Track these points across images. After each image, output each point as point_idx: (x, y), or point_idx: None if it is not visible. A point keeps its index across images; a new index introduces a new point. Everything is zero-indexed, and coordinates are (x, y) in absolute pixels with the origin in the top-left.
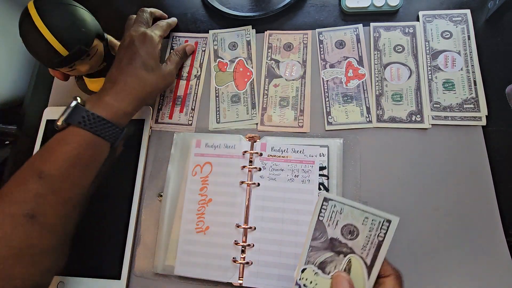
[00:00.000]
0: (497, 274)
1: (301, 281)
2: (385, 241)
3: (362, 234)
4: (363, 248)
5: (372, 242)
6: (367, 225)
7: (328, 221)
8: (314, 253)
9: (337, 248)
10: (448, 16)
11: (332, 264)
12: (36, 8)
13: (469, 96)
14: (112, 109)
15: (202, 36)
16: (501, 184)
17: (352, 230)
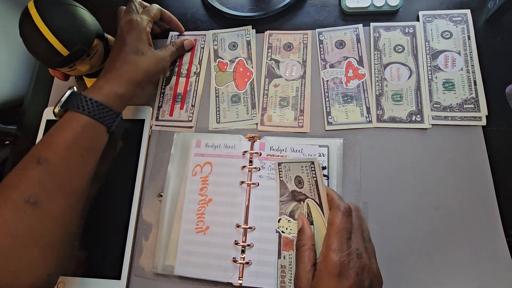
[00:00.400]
0: (497, 274)
1: (279, 229)
2: (318, 180)
3: (305, 180)
4: (310, 190)
5: (312, 183)
6: (304, 171)
7: (286, 178)
8: (284, 206)
9: (297, 198)
10: (448, 16)
11: (298, 211)
12: (36, 8)
13: (469, 96)
14: (106, 93)
15: (200, 33)
16: (501, 184)
17: (300, 180)
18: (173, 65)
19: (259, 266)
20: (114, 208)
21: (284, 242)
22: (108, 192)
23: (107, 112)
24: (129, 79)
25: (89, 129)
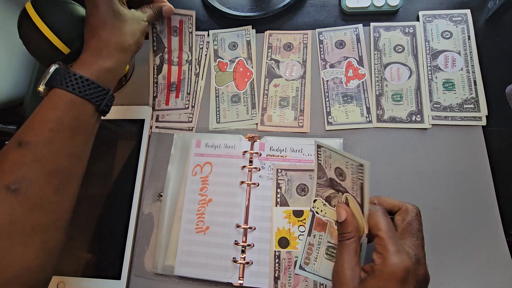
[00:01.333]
0: (497, 274)
1: (314, 209)
2: (365, 184)
3: (348, 176)
4: (352, 189)
5: (356, 183)
6: (349, 168)
7: (325, 164)
8: (321, 189)
9: (336, 187)
10: (448, 16)
11: (335, 199)
12: (34, 8)
13: (469, 96)
14: (94, 68)
15: (200, 33)
16: (501, 184)
17: (341, 173)
18: (162, 52)
19: (260, 266)
20: (114, 208)
21: (317, 223)
22: (108, 192)
23: (94, 89)
24: (116, 47)
25: (74, 107)
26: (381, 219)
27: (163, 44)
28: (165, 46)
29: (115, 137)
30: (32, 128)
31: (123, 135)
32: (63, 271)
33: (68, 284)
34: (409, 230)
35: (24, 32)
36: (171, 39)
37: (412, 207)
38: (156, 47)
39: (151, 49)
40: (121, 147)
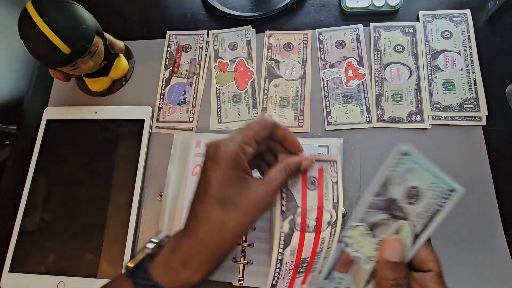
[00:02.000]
0: (497, 274)
1: (345, 239)
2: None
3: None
4: (419, 215)
5: (430, 210)
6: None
7: (397, 178)
8: (371, 211)
9: (391, 211)
10: (448, 16)
11: (382, 227)
12: (35, 8)
13: (469, 96)
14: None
15: (200, 33)
16: (501, 184)
17: (415, 194)
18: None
19: (260, 266)
20: (114, 208)
21: (343, 260)
22: (108, 192)
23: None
24: (211, 254)
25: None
26: (436, 257)
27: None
28: (298, 205)
29: (115, 137)
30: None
31: (123, 135)
32: (63, 271)
33: (68, 284)
34: None
35: (25, 32)
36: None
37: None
38: (286, 207)
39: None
40: (121, 147)
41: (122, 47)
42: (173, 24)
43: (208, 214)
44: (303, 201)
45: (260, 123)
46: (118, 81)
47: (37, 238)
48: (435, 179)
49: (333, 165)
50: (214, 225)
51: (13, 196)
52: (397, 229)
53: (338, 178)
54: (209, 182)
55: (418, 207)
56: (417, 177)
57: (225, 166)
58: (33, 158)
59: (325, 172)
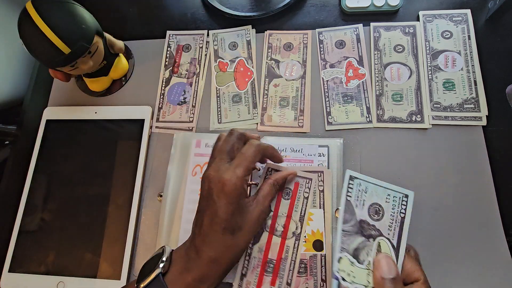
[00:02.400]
0: (497, 274)
1: (339, 274)
2: (406, 218)
3: (387, 212)
4: (389, 228)
5: (396, 220)
6: (390, 202)
7: (356, 201)
8: (347, 239)
9: (366, 232)
10: (448, 16)
11: (364, 250)
12: (35, 8)
13: (469, 96)
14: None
15: (200, 33)
16: (501, 184)
17: (378, 210)
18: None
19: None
20: (114, 208)
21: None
22: (108, 192)
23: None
24: (224, 270)
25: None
26: (419, 265)
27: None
28: (271, 210)
29: (115, 137)
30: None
31: (123, 135)
32: (63, 271)
33: (68, 284)
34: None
35: (25, 32)
36: (280, 202)
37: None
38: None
39: None
40: (121, 147)
41: (122, 47)
42: (173, 24)
43: (220, 240)
44: (276, 207)
45: (255, 152)
46: (118, 81)
47: (37, 238)
48: (388, 191)
49: (308, 182)
50: (227, 248)
51: (13, 196)
52: (377, 247)
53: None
54: (219, 215)
55: (385, 221)
56: (373, 194)
57: (232, 201)
58: (33, 158)
59: (300, 186)
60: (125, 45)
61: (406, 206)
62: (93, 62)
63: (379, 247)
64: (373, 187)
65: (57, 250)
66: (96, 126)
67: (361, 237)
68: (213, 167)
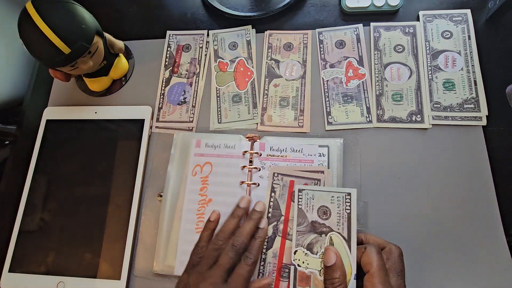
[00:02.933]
0: (497, 274)
1: (295, 261)
2: (352, 213)
3: (333, 212)
4: (338, 224)
5: (343, 216)
6: (335, 202)
7: (306, 207)
8: (301, 237)
9: (318, 229)
10: (448, 16)
11: (317, 244)
12: (35, 8)
13: (469, 96)
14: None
15: (200, 33)
16: (501, 184)
17: (326, 211)
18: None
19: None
20: (114, 208)
21: (300, 277)
22: (108, 192)
23: None
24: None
25: None
26: (375, 256)
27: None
28: (281, 214)
29: (115, 137)
30: None
31: (123, 135)
32: (63, 271)
33: (68, 284)
34: (393, 269)
35: (25, 32)
36: (290, 206)
37: (395, 248)
38: (272, 214)
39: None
40: (121, 147)
41: (122, 47)
42: (173, 24)
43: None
44: (287, 211)
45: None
46: (118, 81)
47: (37, 238)
48: (331, 193)
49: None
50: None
51: (13, 196)
52: (329, 241)
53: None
54: None
55: (333, 219)
56: (319, 199)
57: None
58: (33, 158)
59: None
60: (125, 45)
61: (350, 202)
62: (93, 62)
63: (331, 240)
64: (319, 193)
65: (57, 250)
66: (96, 126)
67: (314, 234)
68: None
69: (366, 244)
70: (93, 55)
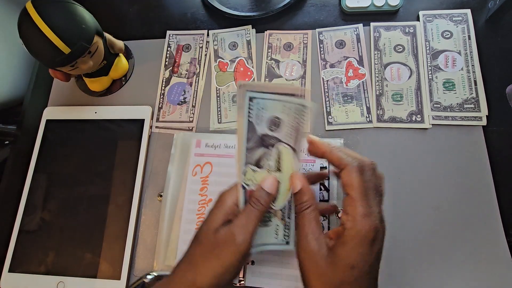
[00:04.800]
0: (497, 274)
1: (246, 182)
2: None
3: (285, 122)
4: (287, 135)
5: (294, 127)
6: (286, 112)
7: (256, 119)
8: (250, 154)
9: (266, 143)
10: (448, 16)
11: (265, 157)
12: (35, 8)
13: (469, 96)
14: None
15: (200, 33)
16: (501, 184)
17: (276, 121)
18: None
19: (262, 266)
20: (114, 208)
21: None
22: (108, 192)
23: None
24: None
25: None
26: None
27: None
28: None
29: (115, 137)
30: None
31: (123, 135)
32: (63, 271)
33: (68, 284)
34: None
35: (25, 32)
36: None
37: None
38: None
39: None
40: (121, 147)
41: (122, 47)
42: (173, 24)
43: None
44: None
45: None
46: (118, 81)
47: (37, 238)
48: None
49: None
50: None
51: (13, 196)
52: (278, 154)
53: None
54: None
55: (283, 129)
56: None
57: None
58: (33, 158)
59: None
60: (125, 45)
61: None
62: (93, 62)
63: (279, 152)
64: (271, 102)
65: (57, 250)
66: (96, 126)
67: (262, 148)
68: None
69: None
70: (93, 55)
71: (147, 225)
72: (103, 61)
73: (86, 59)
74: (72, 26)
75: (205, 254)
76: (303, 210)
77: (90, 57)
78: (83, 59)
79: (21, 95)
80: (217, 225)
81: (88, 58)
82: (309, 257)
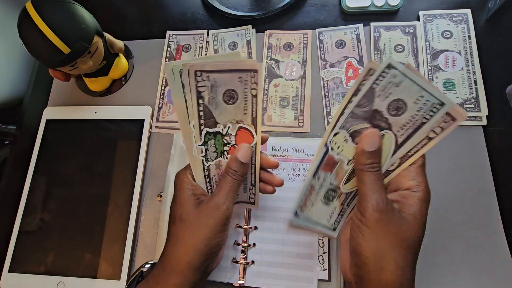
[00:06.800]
0: (497, 274)
1: (330, 144)
2: (428, 124)
3: (409, 113)
4: (403, 126)
5: (415, 122)
6: (418, 104)
7: (381, 91)
8: (352, 120)
9: (376, 121)
10: (448, 16)
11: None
12: (35, 8)
13: (469, 96)
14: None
15: (200, 33)
16: (502, 184)
17: (400, 106)
18: None
19: (262, 266)
20: (114, 208)
21: (327, 161)
22: (108, 192)
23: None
24: (183, 270)
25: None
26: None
27: (213, 120)
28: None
29: (115, 137)
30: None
31: (123, 135)
32: (63, 271)
33: (68, 284)
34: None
35: (24, 32)
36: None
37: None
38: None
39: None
40: (121, 147)
41: (121, 47)
42: (173, 24)
43: (175, 233)
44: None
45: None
46: (118, 81)
47: (36, 238)
48: (423, 92)
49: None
50: (179, 243)
51: (13, 196)
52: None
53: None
54: (172, 207)
55: (402, 119)
56: (404, 90)
57: (178, 190)
58: (33, 158)
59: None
60: (125, 45)
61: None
62: (93, 62)
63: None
64: (409, 83)
65: (57, 250)
66: (96, 126)
67: (367, 124)
68: None
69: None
70: (93, 55)
71: (147, 225)
72: (103, 61)
73: (86, 59)
74: (72, 26)
75: (190, 229)
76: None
77: (90, 57)
78: (83, 59)
79: (21, 95)
80: (193, 201)
81: (88, 58)
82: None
